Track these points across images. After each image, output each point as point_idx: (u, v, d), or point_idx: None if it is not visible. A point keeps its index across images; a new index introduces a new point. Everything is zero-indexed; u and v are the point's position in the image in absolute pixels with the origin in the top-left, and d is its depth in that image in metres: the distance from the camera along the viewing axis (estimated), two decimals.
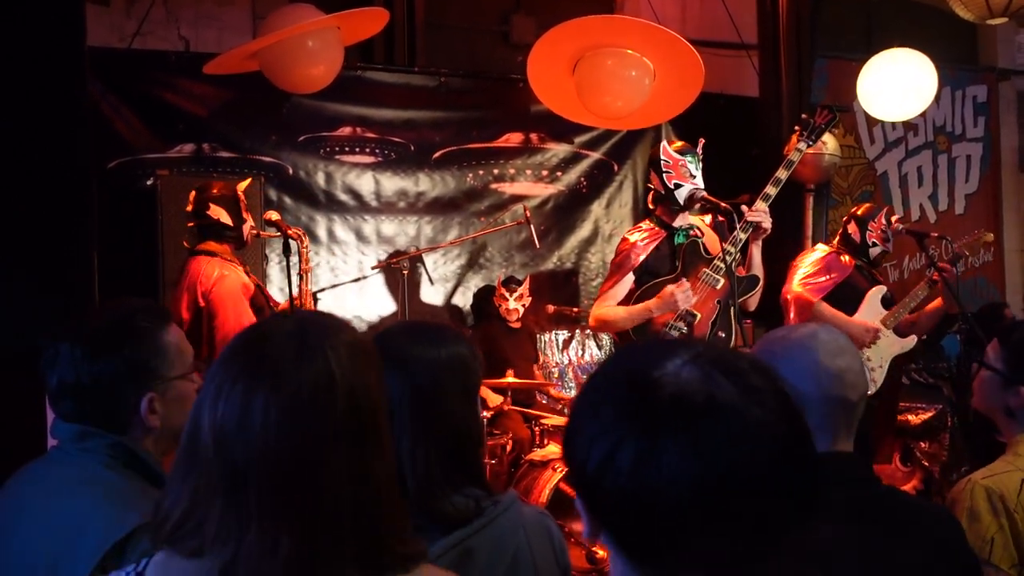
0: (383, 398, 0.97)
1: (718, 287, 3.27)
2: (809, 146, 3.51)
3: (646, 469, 0.74)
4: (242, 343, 0.94)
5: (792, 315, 4.06)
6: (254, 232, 3.56)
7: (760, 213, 3.26)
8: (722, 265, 3.22)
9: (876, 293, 4.08)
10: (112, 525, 1.27)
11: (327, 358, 0.90)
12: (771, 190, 3.34)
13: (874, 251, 4.13)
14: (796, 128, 3.58)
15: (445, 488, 1.33)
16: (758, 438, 0.75)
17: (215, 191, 3.44)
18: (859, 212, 4.22)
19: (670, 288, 3.22)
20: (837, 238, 4.27)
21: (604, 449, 0.77)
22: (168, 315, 1.54)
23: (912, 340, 4.08)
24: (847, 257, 4.11)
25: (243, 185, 3.52)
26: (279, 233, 3.39)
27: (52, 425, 1.45)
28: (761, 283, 3.41)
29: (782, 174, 3.38)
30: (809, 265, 4.09)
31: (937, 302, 4.18)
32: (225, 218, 3.39)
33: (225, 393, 0.89)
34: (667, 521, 0.75)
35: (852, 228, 4.16)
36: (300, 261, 3.53)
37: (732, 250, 3.23)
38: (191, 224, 3.45)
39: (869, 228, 4.10)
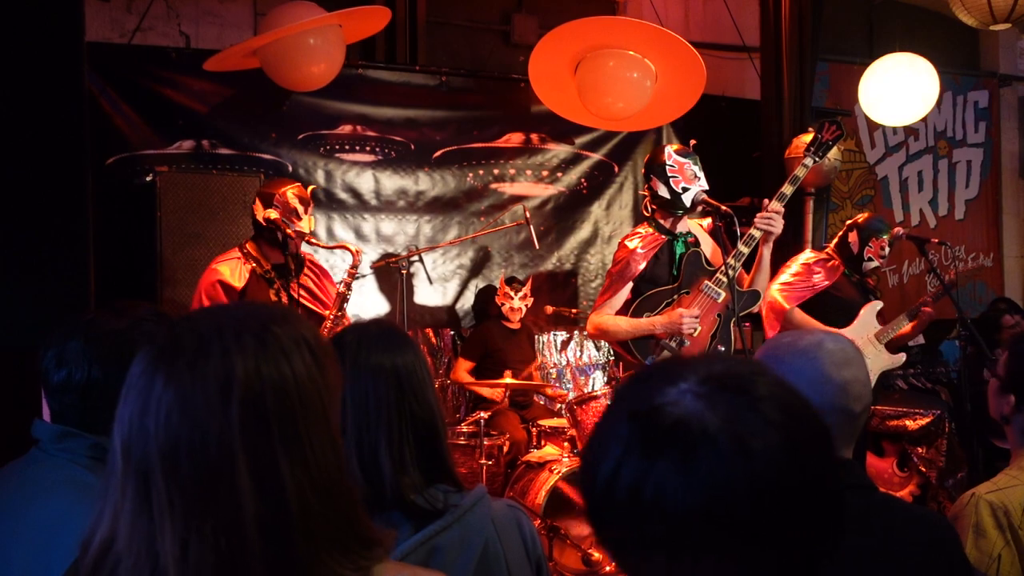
0: (315, 398, 0.88)
1: (719, 300, 3.26)
2: (815, 162, 3.49)
3: (645, 494, 0.75)
4: (156, 339, 0.90)
5: (765, 321, 4.06)
6: (296, 233, 3.39)
7: (773, 214, 3.24)
8: (724, 279, 3.21)
9: (872, 308, 4.06)
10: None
11: (229, 352, 0.84)
12: (777, 205, 3.31)
13: (868, 265, 4.10)
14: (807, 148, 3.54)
15: (417, 483, 1.38)
16: (753, 471, 0.74)
17: (264, 186, 3.47)
18: (860, 221, 4.17)
19: (679, 312, 3.20)
20: (833, 243, 4.22)
21: (608, 469, 0.78)
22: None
23: (902, 358, 4.10)
24: (836, 262, 4.09)
25: (292, 188, 3.45)
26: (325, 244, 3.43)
27: (33, 425, 1.44)
28: (760, 298, 3.40)
29: (787, 189, 3.36)
30: (791, 274, 4.05)
31: (907, 328, 4.20)
32: (260, 214, 3.39)
33: (134, 389, 0.85)
34: (663, 548, 0.76)
35: (853, 238, 4.11)
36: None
37: (735, 264, 3.21)
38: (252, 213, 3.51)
39: (870, 244, 4.07)
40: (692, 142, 3.43)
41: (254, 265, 3.38)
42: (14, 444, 1.57)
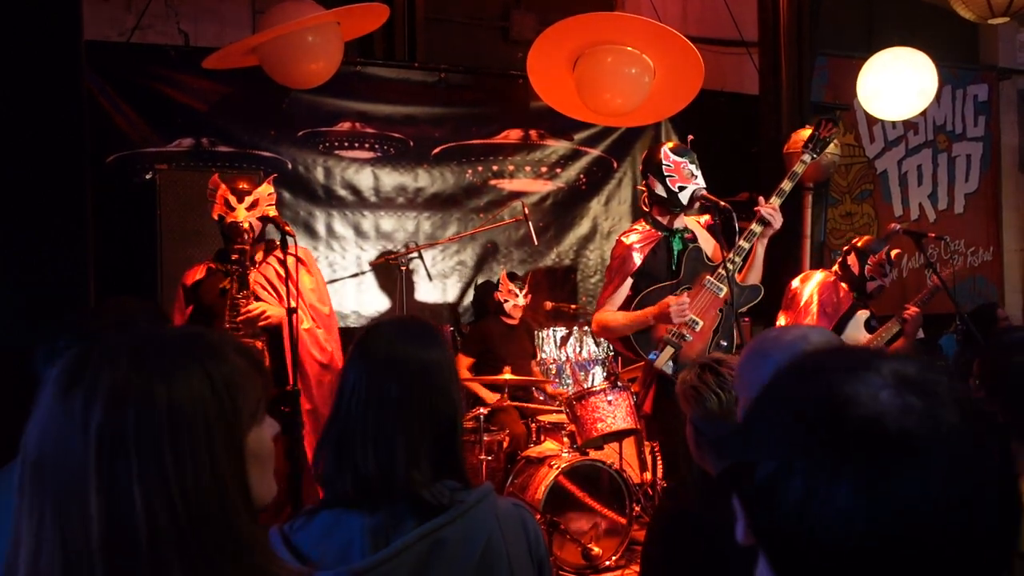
0: (197, 424, 0.83)
1: (721, 295, 3.27)
2: (814, 158, 3.50)
3: (815, 503, 0.66)
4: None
5: None
6: (232, 226, 3.35)
7: (772, 210, 3.26)
8: (725, 274, 3.22)
9: (860, 317, 4.12)
10: None
11: (100, 372, 0.82)
12: (775, 201, 3.32)
13: (871, 285, 4.15)
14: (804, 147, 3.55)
15: (427, 478, 1.39)
16: (956, 482, 0.65)
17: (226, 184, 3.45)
18: (859, 244, 4.26)
19: (666, 300, 3.22)
20: (836, 266, 4.31)
21: (774, 467, 0.69)
22: (167, 320, 1.53)
23: None
24: (844, 285, 4.17)
25: (230, 179, 3.45)
26: (277, 229, 3.29)
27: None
28: (762, 292, 3.40)
29: (786, 186, 3.38)
30: (813, 303, 4.13)
31: (900, 342, 4.16)
32: (215, 212, 3.43)
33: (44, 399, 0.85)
34: (829, 560, 0.67)
35: (852, 260, 4.20)
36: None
37: (736, 259, 3.22)
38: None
39: (868, 262, 4.13)
40: (689, 138, 3.44)
41: (212, 263, 3.43)
42: (14, 444, 1.57)
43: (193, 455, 0.82)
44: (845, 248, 4.31)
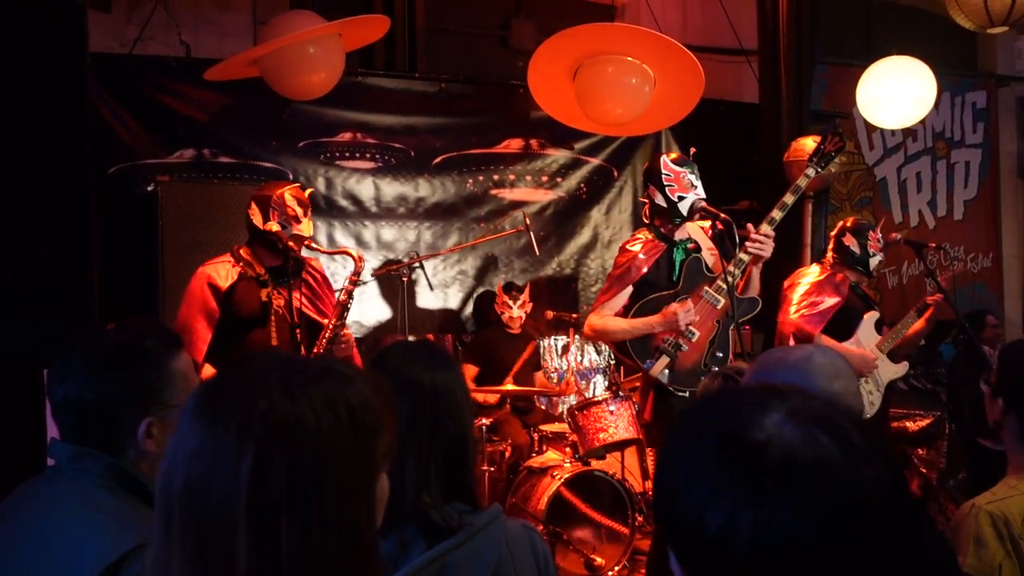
0: (344, 469, 0.83)
1: (719, 307, 3.28)
2: (818, 172, 3.49)
3: (765, 534, 0.70)
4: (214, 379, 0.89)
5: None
6: (298, 237, 3.24)
7: (763, 239, 3.25)
8: (724, 285, 3.23)
9: (870, 319, 3.98)
10: (107, 547, 1.27)
11: (255, 407, 0.82)
12: (776, 214, 3.32)
13: (873, 261, 3.98)
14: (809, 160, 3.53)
15: (436, 500, 1.39)
16: (868, 500, 0.71)
17: (259, 189, 3.29)
18: (849, 224, 4.07)
19: (673, 307, 3.22)
20: (830, 253, 4.07)
21: (724, 513, 0.72)
22: (179, 342, 1.53)
23: (904, 366, 3.99)
24: (841, 275, 3.95)
25: (290, 189, 3.27)
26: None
27: (50, 444, 1.45)
28: (759, 305, 3.40)
29: (789, 199, 3.38)
30: (802, 294, 3.89)
31: (920, 324, 4.13)
32: (257, 218, 3.22)
33: (177, 427, 0.86)
34: (722, 571, 0.72)
35: (849, 240, 3.98)
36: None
37: (735, 271, 3.23)
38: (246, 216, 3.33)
39: (868, 238, 3.96)
40: (692, 150, 3.44)
41: (243, 268, 3.24)
42: (16, 455, 1.58)
43: (340, 503, 0.82)
44: (835, 232, 4.09)
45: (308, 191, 3.36)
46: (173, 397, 1.44)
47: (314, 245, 3.37)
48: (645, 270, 3.33)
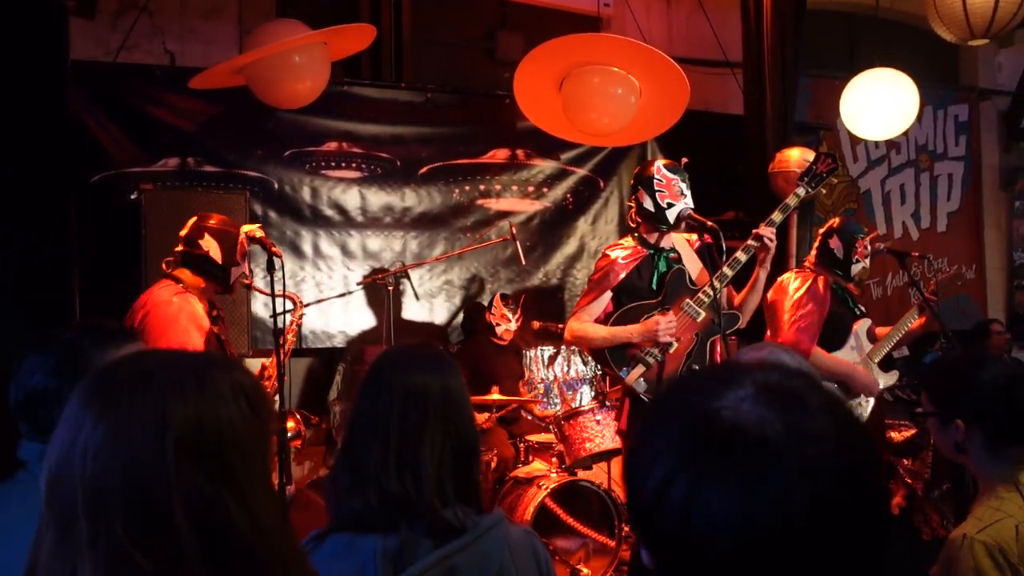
0: (251, 445, 0.88)
1: (698, 320, 3.28)
2: (808, 193, 3.49)
3: (697, 505, 0.71)
4: (93, 373, 0.89)
5: None
6: (245, 281, 3.33)
7: (767, 232, 3.28)
8: (705, 299, 3.24)
9: (862, 328, 3.86)
10: None
11: (165, 393, 0.83)
12: (764, 231, 3.33)
13: (855, 268, 3.85)
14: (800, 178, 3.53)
15: (450, 501, 1.42)
16: (810, 481, 0.70)
17: (214, 223, 3.24)
18: (837, 225, 3.93)
19: (655, 318, 3.22)
20: (813, 256, 3.95)
21: (657, 480, 0.74)
22: (123, 336, 1.52)
23: (895, 375, 3.92)
24: (822, 280, 3.79)
25: (249, 228, 3.29)
26: (264, 250, 3.23)
27: (20, 446, 1.45)
28: (739, 320, 3.40)
29: (777, 217, 3.39)
30: (791, 308, 3.74)
31: (921, 320, 4.08)
32: (215, 253, 3.18)
33: (65, 424, 0.84)
34: (715, 561, 0.72)
35: (835, 243, 3.85)
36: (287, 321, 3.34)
37: (718, 285, 3.24)
38: (178, 248, 3.22)
39: (855, 246, 3.83)
40: (684, 160, 3.45)
41: (198, 297, 3.18)
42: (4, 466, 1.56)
43: (256, 473, 0.88)
44: (822, 231, 3.96)
45: (257, 226, 3.37)
46: None
47: (256, 287, 3.43)
48: (623, 275, 3.33)
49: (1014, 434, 1.76)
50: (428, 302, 5.44)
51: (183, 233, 3.23)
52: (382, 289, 4.87)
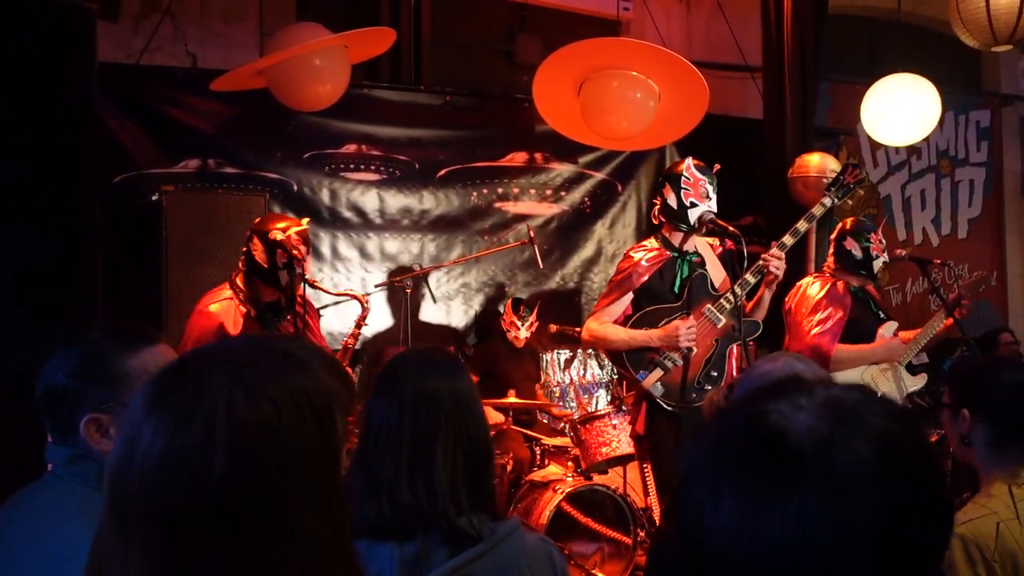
0: (311, 468, 0.81)
1: (719, 325, 3.27)
2: (835, 203, 3.49)
3: (746, 525, 0.66)
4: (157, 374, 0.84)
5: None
6: (301, 278, 3.25)
7: (777, 255, 3.26)
8: (727, 305, 3.23)
9: (887, 329, 3.79)
10: None
11: (216, 411, 0.77)
12: (788, 239, 3.33)
13: (877, 264, 3.81)
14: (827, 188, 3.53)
15: (464, 508, 1.41)
16: (837, 508, 0.65)
17: (259, 223, 3.27)
18: (850, 227, 3.90)
19: (676, 324, 3.21)
20: (830, 258, 3.93)
21: (703, 493, 0.69)
22: (146, 338, 1.49)
23: (923, 378, 3.90)
24: (841, 284, 3.77)
25: (297, 228, 3.26)
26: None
27: (46, 449, 1.45)
28: (760, 328, 3.39)
29: (802, 226, 3.38)
30: (810, 311, 3.72)
31: (948, 321, 3.96)
32: (260, 255, 3.20)
33: (126, 428, 0.81)
34: (720, 571, 0.68)
35: (850, 243, 3.82)
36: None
37: (740, 292, 3.23)
38: (244, 249, 3.27)
39: (871, 240, 3.79)
40: (716, 167, 3.44)
41: (246, 308, 3.21)
42: (22, 469, 1.57)
43: (310, 503, 0.80)
44: (835, 235, 3.94)
45: (306, 222, 3.36)
46: (123, 395, 1.40)
47: (318, 286, 3.41)
48: (646, 278, 3.32)
49: (1019, 435, 1.76)
50: (445, 305, 5.45)
51: (248, 234, 3.30)
52: (400, 291, 4.88)
